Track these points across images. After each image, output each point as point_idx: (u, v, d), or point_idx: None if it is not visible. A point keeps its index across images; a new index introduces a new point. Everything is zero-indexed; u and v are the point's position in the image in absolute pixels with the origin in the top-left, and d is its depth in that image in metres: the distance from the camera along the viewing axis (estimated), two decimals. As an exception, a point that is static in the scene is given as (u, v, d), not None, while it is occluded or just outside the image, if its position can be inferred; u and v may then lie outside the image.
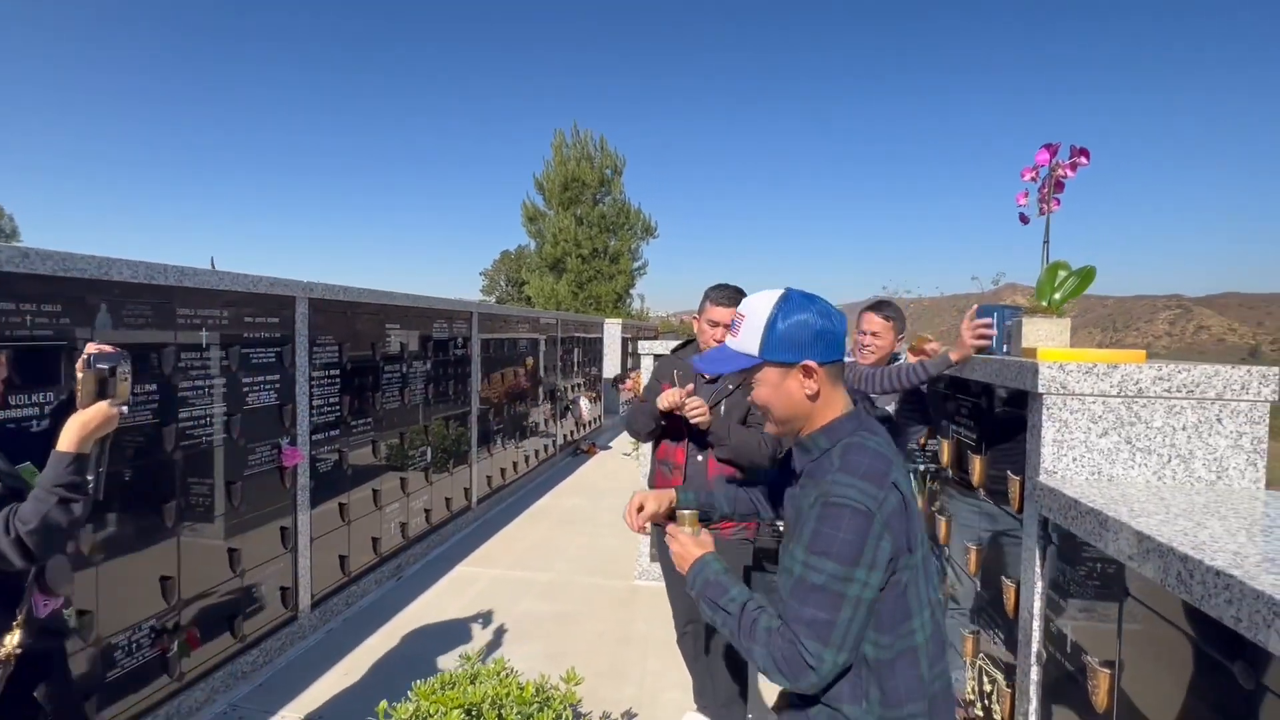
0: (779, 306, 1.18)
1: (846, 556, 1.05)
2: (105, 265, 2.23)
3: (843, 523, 1.06)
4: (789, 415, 1.21)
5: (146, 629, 2.41)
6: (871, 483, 1.09)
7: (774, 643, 1.08)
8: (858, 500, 1.07)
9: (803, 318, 1.17)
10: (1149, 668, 1.25)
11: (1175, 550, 1.09)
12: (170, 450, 2.52)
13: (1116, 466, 1.60)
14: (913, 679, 1.12)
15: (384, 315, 4.10)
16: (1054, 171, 2.09)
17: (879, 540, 1.07)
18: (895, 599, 1.11)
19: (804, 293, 1.22)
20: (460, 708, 1.85)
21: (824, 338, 1.17)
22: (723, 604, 1.16)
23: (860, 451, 1.14)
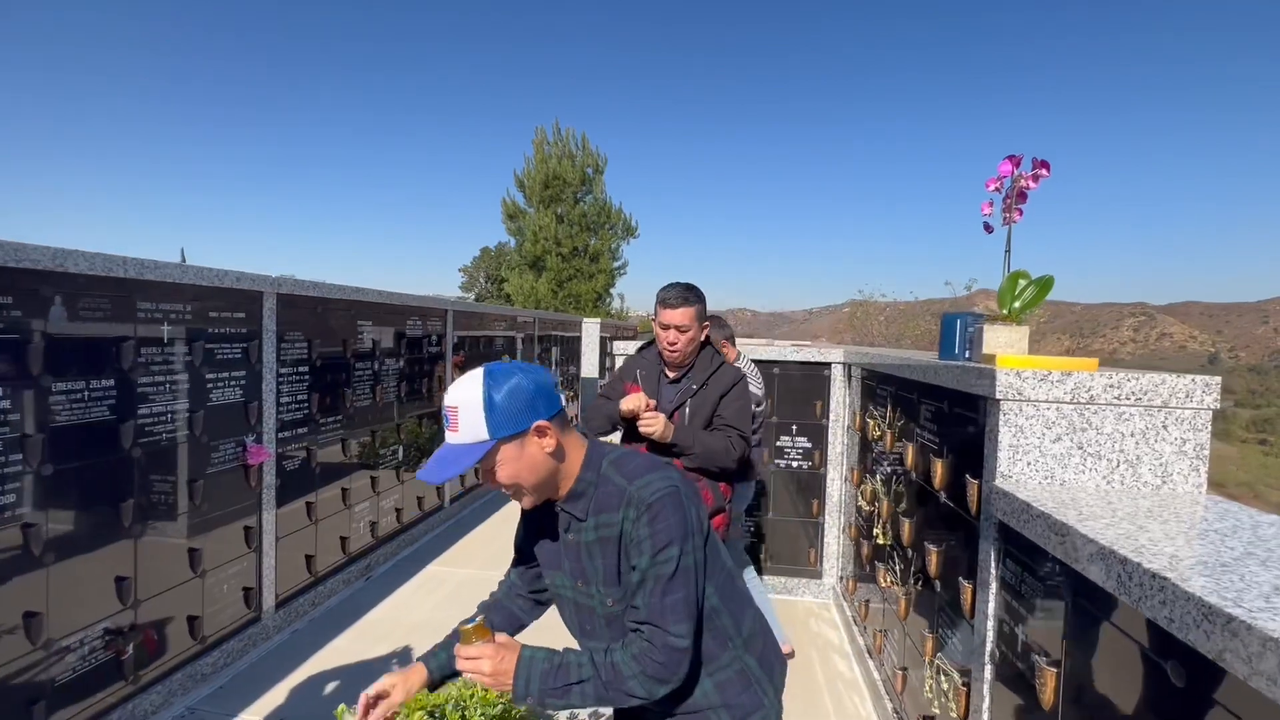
0: (487, 384, 1.15)
1: (682, 535, 1.16)
2: (61, 256, 2.17)
3: (667, 510, 1.16)
4: (542, 479, 1.20)
5: (100, 630, 2.34)
6: (657, 471, 1.21)
7: (644, 659, 1.13)
8: (663, 487, 1.17)
9: (513, 384, 1.16)
10: (1093, 667, 1.29)
11: (1117, 553, 1.13)
12: (128, 447, 2.45)
13: (1069, 471, 1.65)
14: (738, 598, 1.32)
15: (356, 312, 4.04)
16: (1017, 182, 2.15)
17: (690, 507, 1.20)
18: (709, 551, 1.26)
19: (499, 363, 1.21)
20: (423, 709, 1.84)
21: (541, 394, 1.18)
22: (574, 679, 1.14)
23: (628, 457, 1.25)
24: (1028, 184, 2.14)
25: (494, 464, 1.17)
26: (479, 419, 1.14)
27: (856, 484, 3.49)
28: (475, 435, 1.15)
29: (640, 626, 1.16)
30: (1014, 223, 2.15)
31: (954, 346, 2.14)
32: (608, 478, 1.22)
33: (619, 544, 1.19)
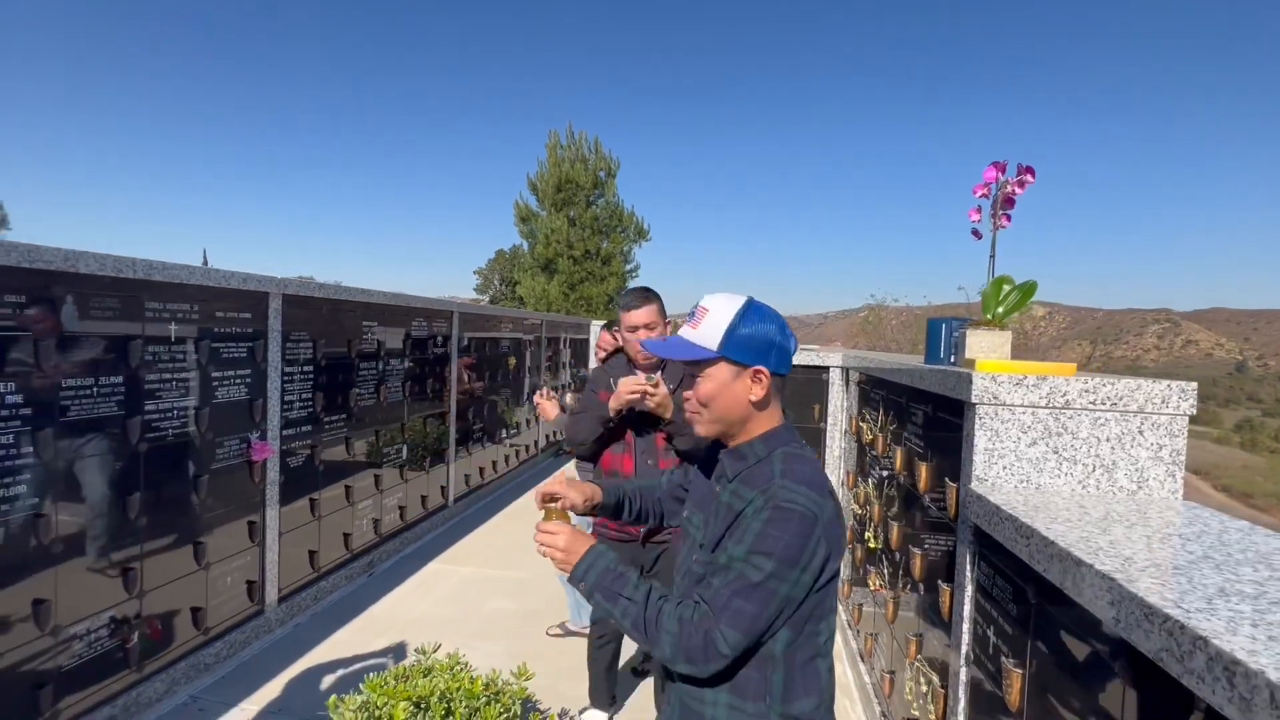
0: (744, 311, 1.20)
1: (788, 558, 1.09)
2: (73, 258, 2.25)
3: (790, 526, 1.10)
4: (725, 416, 1.22)
5: (106, 619, 2.42)
6: (814, 489, 1.14)
7: (685, 632, 1.11)
8: (805, 506, 1.11)
9: (765, 327, 1.20)
10: (1055, 668, 1.30)
11: (1071, 554, 1.15)
12: (135, 442, 2.54)
13: (1044, 475, 1.66)
14: (812, 677, 1.18)
15: (361, 313, 4.13)
16: (1002, 189, 2.16)
17: (817, 545, 1.11)
18: (815, 602, 1.16)
19: (766, 306, 1.24)
20: (409, 700, 1.89)
21: (779, 351, 1.21)
22: (626, 594, 1.17)
23: (802, 461, 1.19)
24: (1014, 190, 2.14)
25: (703, 374, 1.21)
26: (719, 332, 1.19)
27: (851, 488, 3.49)
28: (707, 341, 1.19)
29: (700, 603, 1.13)
30: (1002, 228, 2.16)
31: (939, 351, 2.15)
32: (772, 462, 1.19)
33: (735, 520, 1.17)
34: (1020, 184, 2.14)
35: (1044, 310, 31.90)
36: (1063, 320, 37.40)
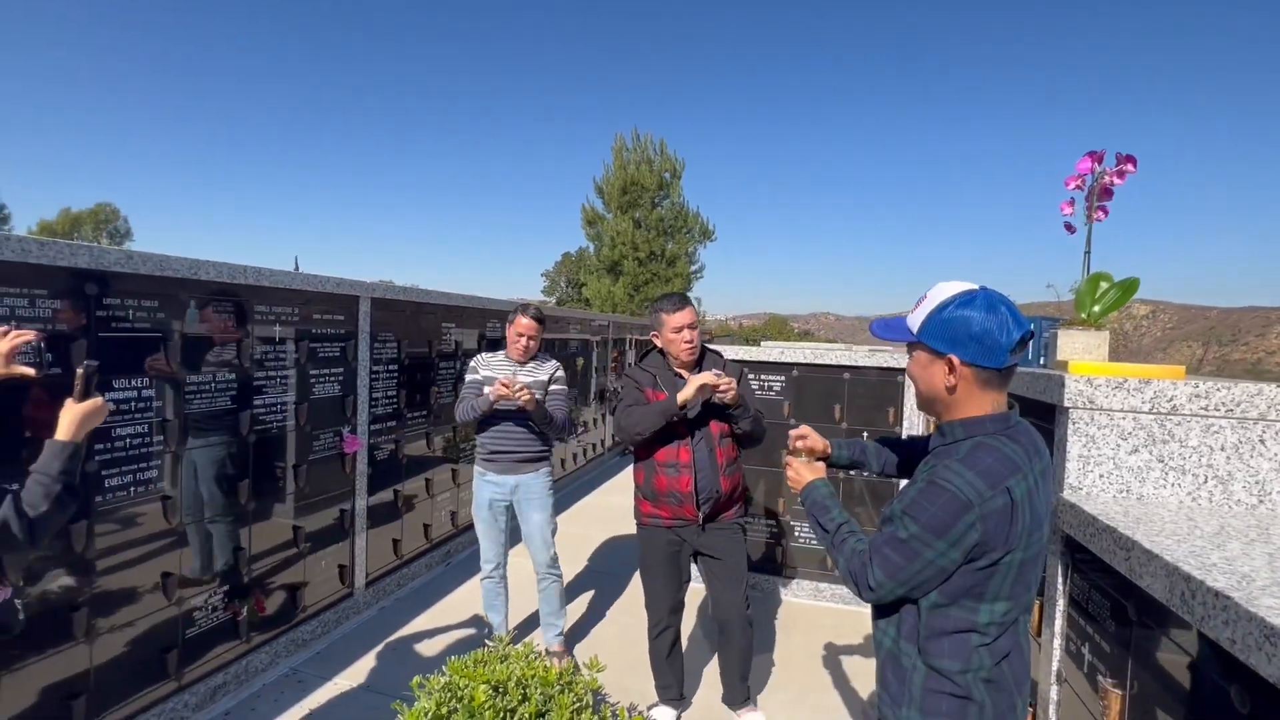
0: (957, 298, 1.22)
1: (931, 528, 1.16)
2: (195, 266, 2.50)
3: (939, 502, 1.15)
4: (927, 397, 1.30)
5: (220, 593, 2.67)
6: (984, 480, 1.14)
7: (854, 562, 1.28)
8: (961, 490, 1.14)
9: (969, 314, 1.19)
10: (1158, 689, 1.22)
11: (1180, 570, 1.08)
12: (245, 433, 2.78)
13: (1147, 485, 1.55)
14: (960, 646, 1.19)
15: (441, 314, 4.34)
16: (1100, 179, 2.03)
17: (969, 528, 1.14)
18: (976, 581, 1.17)
19: (994, 295, 1.23)
20: (488, 683, 1.98)
21: (981, 341, 1.18)
22: (824, 522, 1.37)
23: (988, 451, 1.18)
24: (1112, 181, 2.02)
25: (912, 355, 1.31)
26: (923, 316, 1.26)
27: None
28: (913, 324, 1.28)
29: (868, 541, 1.29)
30: (1098, 221, 2.04)
31: (1026, 352, 2.05)
32: (961, 445, 1.22)
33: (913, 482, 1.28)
34: (1119, 174, 2.01)
35: (1147, 309, 29.29)
36: (1169, 319, 33.90)
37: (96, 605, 2.19)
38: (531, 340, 2.94)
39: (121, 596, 2.28)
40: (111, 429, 2.22)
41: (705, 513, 2.46)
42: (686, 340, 2.45)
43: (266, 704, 2.68)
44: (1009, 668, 1.20)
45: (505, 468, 2.95)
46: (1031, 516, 1.16)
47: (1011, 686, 1.20)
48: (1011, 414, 1.24)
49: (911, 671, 1.24)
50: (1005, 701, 1.19)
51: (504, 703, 1.93)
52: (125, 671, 2.30)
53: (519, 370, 2.96)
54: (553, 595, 3.05)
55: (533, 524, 2.99)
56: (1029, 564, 1.19)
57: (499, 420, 2.92)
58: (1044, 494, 1.20)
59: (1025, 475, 1.16)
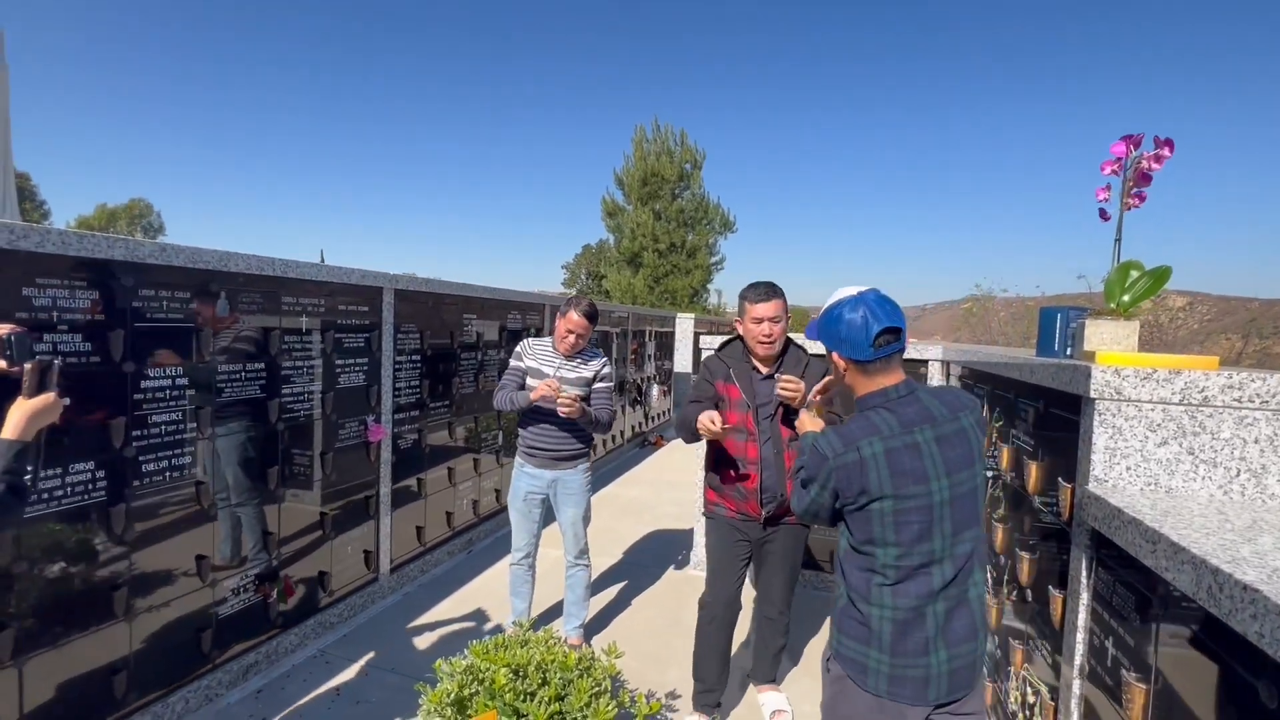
0: (837, 303, 1.52)
1: (808, 475, 1.53)
2: (225, 259, 2.57)
3: (813, 456, 1.51)
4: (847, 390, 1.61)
5: (252, 576, 2.76)
6: (840, 441, 1.46)
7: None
8: (822, 448, 1.48)
9: (840, 316, 1.51)
10: (1183, 684, 1.20)
11: (1207, 562, 1.06)
12: (274, 421, 2.86)
13: (1176, 478, 1.52)
14: (864, 585, 1.48)
15: (462, 306, 4.39)
16: (1136, 164, 1.97)
17: (829, 476, 1.47)
18: (860, 522, 1.47)
19: (862, 298, 1.51)
20: (508, 666, 2.02)
21: (848, 339, 1.49)
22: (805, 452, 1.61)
23: (856, 419, 1.49)
24: (1150, 165, 1.96)
25: None
26: (817, 321, 1.59)
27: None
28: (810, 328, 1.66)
29: None
30: (1133, 208, 1.98)
31: (1053, 342, 2.01)
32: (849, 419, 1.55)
33: None
34: (1156, 159, 1.95)
35: (1183, 300, 28.31)
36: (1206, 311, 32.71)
37: (135, 586, 2.28)
38: (579, 338, 2.85)
39: (158, 578, 2.37)
40: (148, 416, 2.30)
41: (769, 513, 2.40)
42: (765, 334, 2.33)
43: (296, 683, 2.77)
44: (912, 613, 1.42)
45: (543, 463, 2.93)
46: (890, 471, 1.41)
47: (918, 631, 1.42)
48: (893, 389, 1.50)
49: (839, 599, 1.56)
50: (910, 643, 1.42)
51: (524, 686, 1.97)
52: (162, 649, 2.39)
53: (563, 365, 2.89)
54: (579, 585, 3.08)
55: (566, 518, 3.00)
56: (907, 514, 1.42)
57: (539, 416, 2.88)
58: (931, 453, 1.43)
59: (886, 437, 1.43)
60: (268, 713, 2.56)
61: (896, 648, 1.43)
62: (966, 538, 1.46)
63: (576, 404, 2.68)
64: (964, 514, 1.45)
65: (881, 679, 1.44)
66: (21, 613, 1.95)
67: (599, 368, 2.94)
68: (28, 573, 1.97)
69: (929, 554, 1.43)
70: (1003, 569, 2.34)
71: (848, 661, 1.50)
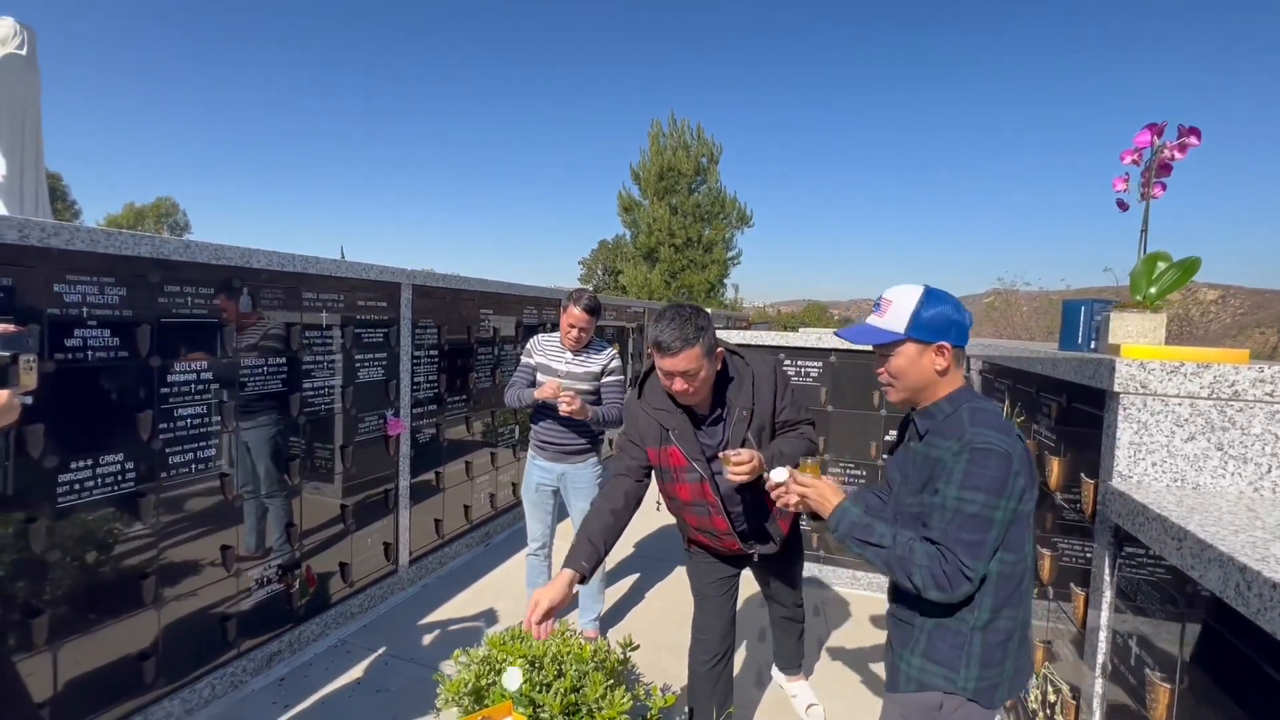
0: (924, 298, 1.44)
1: (995, 489, 1.29)
2: (247, 255, 2.61)
3: (991, 463, 1.29)
4: (918, 384, 1.45)
5: (275, 567, 2.81)
6: (1004, 433, 1.32)
7: (936, 565, 1.31)
8: (999, 445, 1.30)
9: (943, 309, 1.43)
10: (1209, 683, 1.17)
11: (1235, 560, 1.03)
12: (295, 415, 2.91)
13: (1204, 474, 1.48)
14: (1014, 593, 1.37)
15: (479, 301, 4.42)
16: (1158, 154, 1.92)
17: (1016, 477, 1.31)
18: (1019, 527, 1.35)
19: (941, 291, 1.47)
20: (524, 657, 2.04)
21: (957, 327, 1.43)
22: (874, 540, 1.39)
23: (986, 412, 1.38)
24: (1173, 155, 1.90)
25: (892, 353, 1.45)
26: (905, 316, 1.43)
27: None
28: (894, 326, 1.44)
29: (935, 543, 1.33)
30: (1154, 198, 1.93)
31: (1076, 336, 1.97)
32: (959, 416, 1.38)
33: (936, 465, 1.37)
34: (1181, 148, 1.89)
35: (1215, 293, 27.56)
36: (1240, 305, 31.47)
37: (163, 575, 2.34)
38: (583, 332, 2.87)
39: (185, 568, 2.43)
40: (174, 410, 2.35)
41: (764, 551, 2.11)
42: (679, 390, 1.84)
43: (318, 671, 2.82)
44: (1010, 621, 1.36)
45: (553, 457, 2.98)
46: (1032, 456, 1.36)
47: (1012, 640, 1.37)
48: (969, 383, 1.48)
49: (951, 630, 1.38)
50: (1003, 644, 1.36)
51: (540, 677, 1.99)
52: (189, 637, 2.45)
53: (571, 360, 2.93)
54: (593, 578, 3.10)
55: (577, 511, 3.04)
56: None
57: (549, 411, 2.93)
58: None
59: None
60: (291, 700, 2.61)
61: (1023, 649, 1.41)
62: None
63: (577, 402, 2.71)
64: None
65: (1005, 685, 1.40)
66: (55, 599, 2.02)
67: (606, 361, 2.96)
68: (61, 561, 2.03)
69: (1030, 556, 1.44)
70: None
71: (980, 692, 1.38)
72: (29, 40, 4.92)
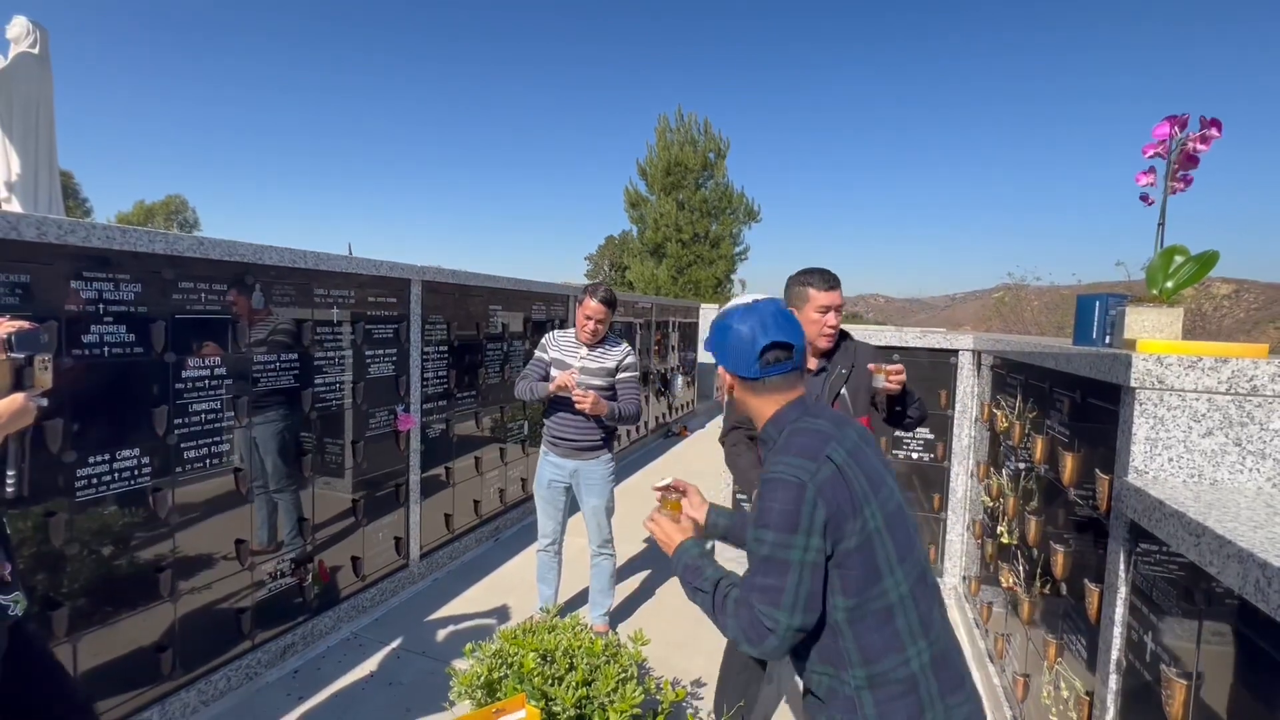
0: (728, 312, 1.33)
1: (784, 525, 1.13)
2: (259, 251, 2.63)
3: (777, 494, 1.14)
4: (744, 408, 1.35)
5: (288, 559, 2.84)
6: (804, 457, 1.16)
7: (740, 614, 1.16)
8: (788, 474, 1.15)
9: (729, 327, 1.30)
10: (1228, 681, 1.16)
11: (1255, 556, 1.02)
12: (307, 410, 2.93)
13: (1222, 470, 1.47)
14: (890, 635, 1.16)
15: (488, 297, 4.43)
16: (1182, 146, 1.90)
17: (814, 507, 1.13)
18: (861, 563, 1.15)
19: (756, 308, 1.30)
20: (536, 651, 2.05)
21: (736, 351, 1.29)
22: (699, 585, 1.26)
23: (800, 434, 1.22)
24: (1196, 147, 1.88)
25: None
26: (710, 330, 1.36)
27: (982, 480, 3.26)
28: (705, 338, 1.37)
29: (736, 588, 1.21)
30: (1180, 191, 1.91)
31: (1091, 330, 1.95)
32: (779, 441, 1.26)
33: None
34: (1203, 139, 1.87)
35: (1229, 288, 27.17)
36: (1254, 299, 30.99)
37: (179, 568, 2.37)
38: (599, 324, 2.87)
39: (200, 561, 2.46)
40: (189, 405, 2.38)
41: None
42: (831, 324, 2.16)
43: (331, 664, 2.85)
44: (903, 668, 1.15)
45: (566, 453, 2.97)
46: (865, 475, 1.18)
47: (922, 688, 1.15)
48: (804, 399, 1.31)
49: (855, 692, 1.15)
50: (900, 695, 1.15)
51: (552, 670, 2.00)
52: (205, 629, 2.48)
53: (587, 355, 2.93)
54: (603, 573, 3.10)
55: (589, 508, 3.03)
56: (894, 521, 1.19)
57: (563, 406, 2.91)
58: (869, 454, 1.24)
59: (840, 440, 1.20)
60: (305, 692, 2.64)
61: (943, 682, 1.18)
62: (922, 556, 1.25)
63: (591, 397, 2.71)
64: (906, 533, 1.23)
65: None
66: (74, 592, 2.05)
67: (621, 357, 2.96)
68: (79, 554, 2.06)
69: (920, 559, 1.23)
70: (1035, 562, 2.30)
71: None
72: (41, 40, 4.96)
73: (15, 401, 1.25)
